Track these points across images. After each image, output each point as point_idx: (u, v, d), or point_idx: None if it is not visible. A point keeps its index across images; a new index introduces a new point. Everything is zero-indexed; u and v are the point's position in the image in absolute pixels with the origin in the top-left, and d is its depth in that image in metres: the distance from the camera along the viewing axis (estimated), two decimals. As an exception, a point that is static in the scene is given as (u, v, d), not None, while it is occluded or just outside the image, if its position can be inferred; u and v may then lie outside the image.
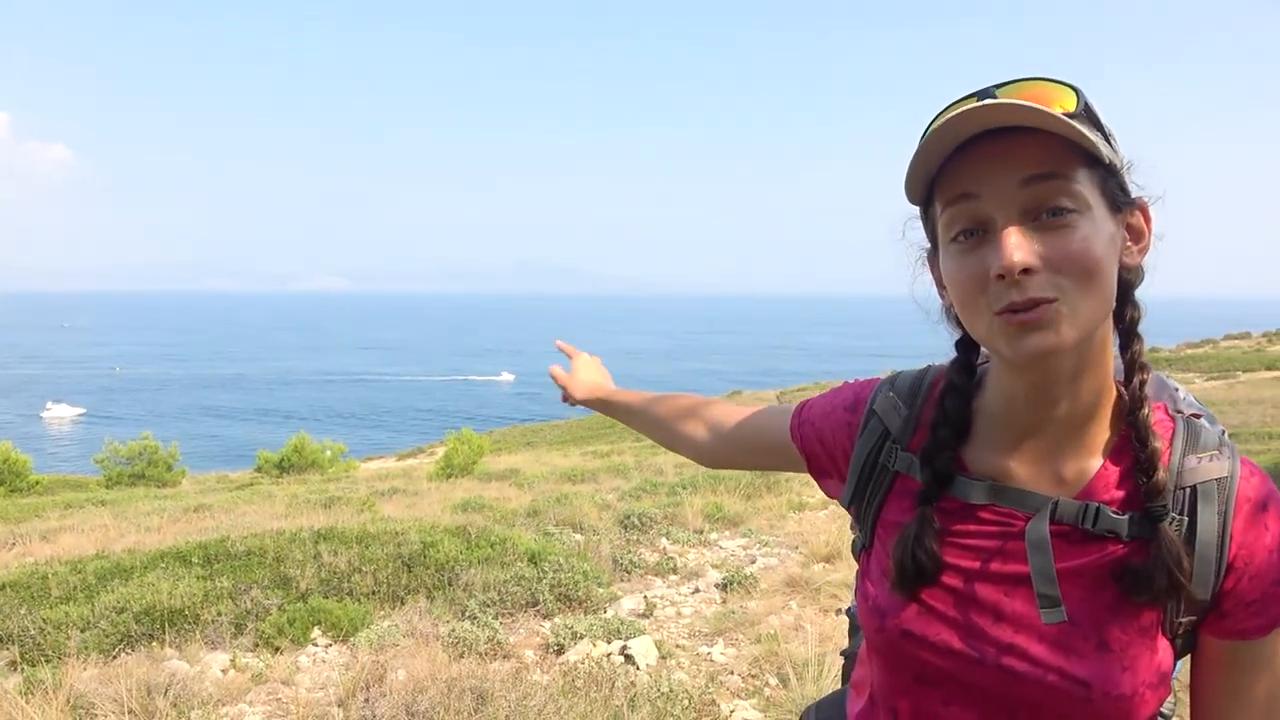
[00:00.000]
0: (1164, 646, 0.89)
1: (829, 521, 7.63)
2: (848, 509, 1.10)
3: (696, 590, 5.82)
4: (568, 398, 1.58)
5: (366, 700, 3.43)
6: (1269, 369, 25.54)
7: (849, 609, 1.68)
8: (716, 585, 5.85)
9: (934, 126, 0.85)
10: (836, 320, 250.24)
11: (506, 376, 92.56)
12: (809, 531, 7.20)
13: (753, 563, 6.43)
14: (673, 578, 6.21)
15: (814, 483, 1.18)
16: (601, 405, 1.51)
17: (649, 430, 1.42)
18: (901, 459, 1.02)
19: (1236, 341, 34.85)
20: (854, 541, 1.16)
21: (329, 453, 21.90)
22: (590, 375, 1.57)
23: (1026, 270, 0.81)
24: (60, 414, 65.80)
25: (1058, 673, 0.87)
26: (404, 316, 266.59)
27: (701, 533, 7.44)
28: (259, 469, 21.18)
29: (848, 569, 5.73)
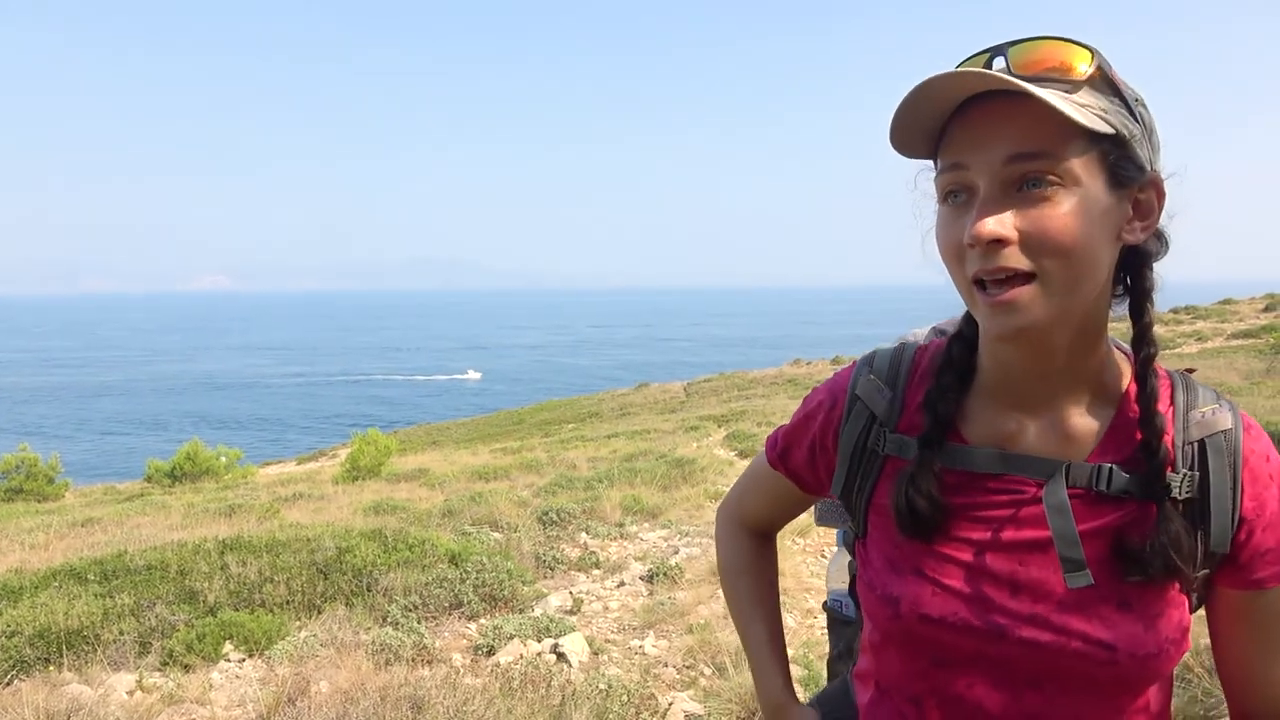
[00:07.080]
0: (1181, 601, 0.89)
1: (746, 509, 7.69)
2: (839, 499, 1.05)
3: (622, 584, 5.78)
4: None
5: (294, 715, 3.27)
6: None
7: (826, 602, 1.63)
8: (641, 578, 5.83)
9: (929, 80, 0.81)
10: (740, 312, 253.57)
11: (474, 375, 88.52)
12: (728, 520, 7.25)
13: (675, 553, 6.43)
14: (596, 572, 6.16)
15: (731, 476, 1.13)
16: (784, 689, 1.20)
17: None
18: (891, 441, 0.98)
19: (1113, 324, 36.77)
20: (844, 534, 1.13)
21: (224, 459, 20.99)
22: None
23: (997, 240, 0.80)
24: None
25: (1081, 638, 0.86)
26: (298, 315, 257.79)
27: (621, 526, 7.40)
28: (149, 479, 20.13)
29: (771, 556, 5.78)
